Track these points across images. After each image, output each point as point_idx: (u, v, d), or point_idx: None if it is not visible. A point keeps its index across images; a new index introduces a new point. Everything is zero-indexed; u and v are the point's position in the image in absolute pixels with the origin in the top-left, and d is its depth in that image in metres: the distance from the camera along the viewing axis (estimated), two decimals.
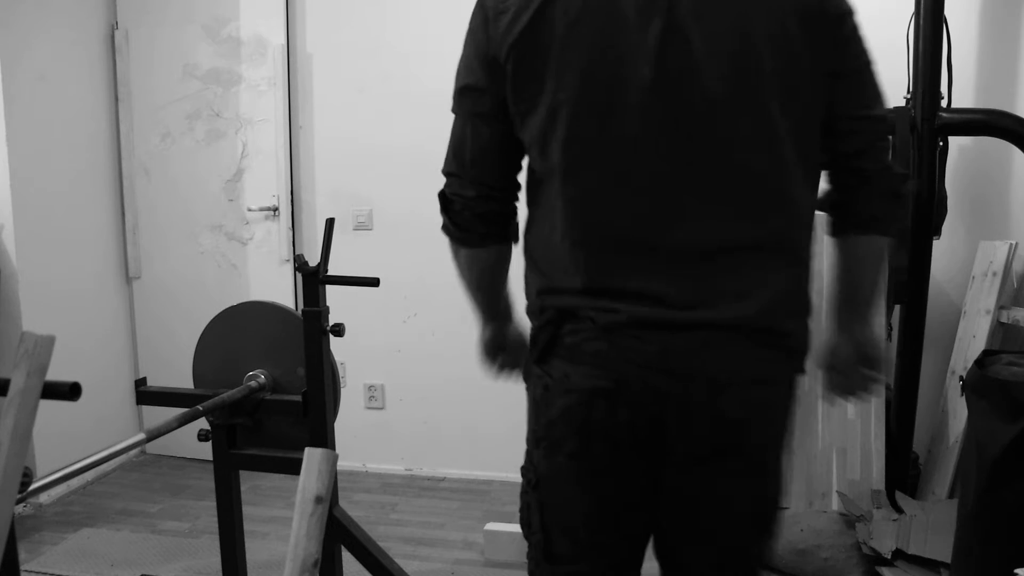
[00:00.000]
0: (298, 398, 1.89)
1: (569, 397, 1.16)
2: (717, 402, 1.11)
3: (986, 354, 1.91)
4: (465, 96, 1.23)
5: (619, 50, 1.08)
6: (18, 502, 1.13)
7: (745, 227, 1.11)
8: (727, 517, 1.20)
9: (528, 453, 1.30)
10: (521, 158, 1.23)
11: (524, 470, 1.32)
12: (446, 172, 1.28)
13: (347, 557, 2.00)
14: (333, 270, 1.92)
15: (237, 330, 1.98)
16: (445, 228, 1.33)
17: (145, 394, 1.94)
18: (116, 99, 3.33)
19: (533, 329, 1.25)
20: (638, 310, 1.10)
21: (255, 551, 2.48)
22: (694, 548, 1.24)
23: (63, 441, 2.82)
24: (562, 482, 1.23)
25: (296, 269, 1.93)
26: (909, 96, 2.31)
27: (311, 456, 1.24)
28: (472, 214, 1.26)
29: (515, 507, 2.88)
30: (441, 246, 3.71)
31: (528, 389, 1.28)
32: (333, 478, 1.25)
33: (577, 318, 1.15)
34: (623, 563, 1.27)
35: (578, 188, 1.14)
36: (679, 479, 1.18)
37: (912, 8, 2.28)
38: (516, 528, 2.58)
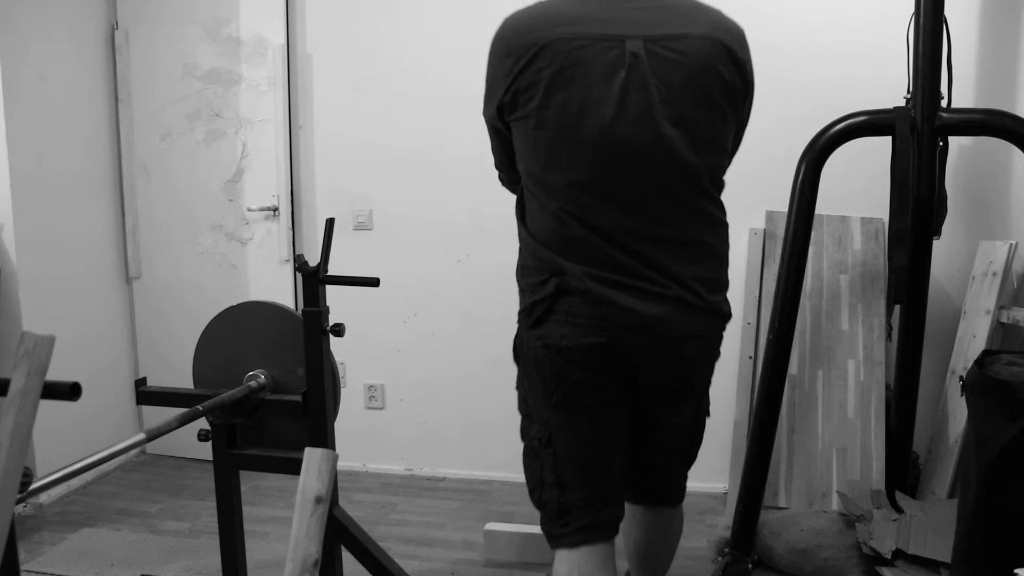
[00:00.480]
0: (298, 398, 1.89)
1: (571, 353, 1.49)
2: (680, 349, 1.53)
3: (986, 354, 1.91)
4: (487, 122, 1.63)
5: (589, 94, 1.45)
6: (18, 502, 1.13)
7: (673, 228, 1.49)
8: (680, 429, 1.69)
9: (533, 419, 1.62)
10: None
11: (532, 434, 1.62)
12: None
13: (347, 557, 2.00)
14: (333, 270, 1.92)
15: (237, 330, 1.98)
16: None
17: (145, 394, 1.94)
18: (116, 99, 3.34)
19: (528, 304, 1.57)
20: (617, 278, 1.46)
21: (255, 551, 2.48)
22: (658, 455, 1.70)
23: (63, 441, 2.82)
24: (575, 424, 1.55)
25: (296, 269, 1.93)
26: (909, 96, 2.30)
27: (311, 456, 1.24)
28: (510, 187, 1.74)
29: (515, 507, 2.89)
30: (441, 246, 3.73)
31: (523, 358, 1.62)
32: (333, 478, 1.25)
33: (571, 292, 1.48)
34: (617, 488, 1.62)
35: (554, 197, 1.50)
36: (651, 405, 1.61)
37: (912, 8, 2.28)
38: (516, 528, 2.59)
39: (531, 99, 1.47)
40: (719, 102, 1.50)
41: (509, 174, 1.69)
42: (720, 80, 1.49)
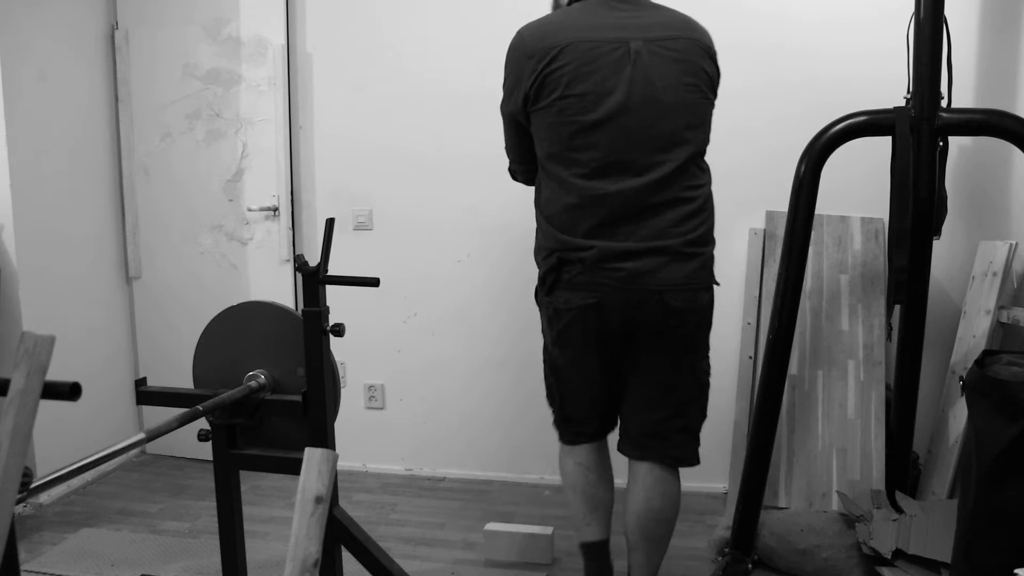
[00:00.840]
0: (298, 398, 1.89)
1: (572, 312, 1.91)
2: (664, 298, 1.85)
3: (986, 354, 1.90)
4: (508, 116, 1.98)
5: (602, 86, 1.82)
6: (18, 502, 1.13)
7: (665, 194, 1.84)
8: (664, 378, 1.96)
9: (548, 352, 2.06)
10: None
11: (545, 363, 2.10)
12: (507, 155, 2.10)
13: (347, 557, 2.00)
14: (333, 270, 1.92)
15: (237, 330, 1.98)
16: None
17: (145, 394, 1.94)
18: (116, 99, 3.34)
19: (542, 273, 1.97)
20: (612, 245, 1.83)
21: (255, 551, 2.48)
22: (647, 405, 1.98)
23: (63, 441, 2.82)
24: (572, 365, 2.00)
25: (296, 269, 1.93)
26: (909, 96, 2.30)
27: (311, 456, 1.24)
28: (522, 177, 2.12)
29: (515, 507, 2.97)
30: (441, 246, 3.74)
31: (541, 311, 2.02)
32: (333, 478, 1.25)
33: (571, 263, 1.87)
34: (606, 414, 2.08)
35: (574, 172, 1.86)
36: (641, 356, 1.94)
37: (912, 8, 2.28)
38: (516, 528, 2.59)
39: (554, 91, 1.83)
40: (703, 89, 1.90)
41: (525, 164, 2.04)
42: (703, 72, 1.89)
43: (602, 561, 2.09)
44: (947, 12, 2.25)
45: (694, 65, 1.87)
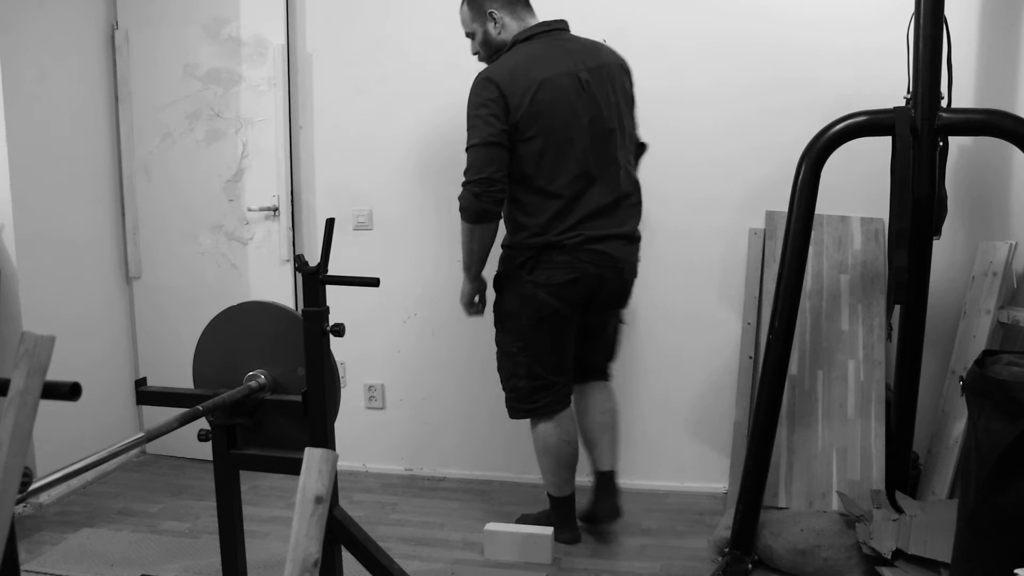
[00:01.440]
0: (298, 398, 1.88)
1: (552, 287, 2.37)
2: (622, 274, 2.47)
3: (986, 354, 1.90)
4: (495, 143, 2.31)
5: (572, 111, 2.32)
6: (18, 502, 1.13)
7: (619, 191, 2.40)
8: (610, 330, 2.65)
9: (512, 335, 2.47)
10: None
11: (509, 343, 2.49)
12: (478, 179, 2.35)
13: (347, 557, 2.00)
14: (333, 270, 1.91)
15: (237, 330, 1.98)
16: (471, 214, 2.39)
17: (145, 394, 1.94)
18: (116, 99, 3.34)
19: (521, 258, 2.39)
20: (588, 232, 2.35)
21: (255, 551, 2.48)
22: (595, 350, 2.62)
23: (63, 441, 2.82)
24: (549, 336, 2.44)
25: (296, 269, 1.93)
26: (909, 96, 2.30)
27: (311, 456, 1.24)
28: (493, 199, 2.34)
29: (515, 507, 2.95)
30: (441, 246, 3.73)
31: (514, 290, 2.43)
32: (333, 478, 1.25)
33: (553, 247, 2.34)
34: (569, 375, 2.54)
35: (557, 184, 2.34)
36: (597, 316, 2.53)
37: (912, 8, 2.28)
38: (516, 528, 2.59)
39: (537, 121, 2.28)
40: (628, 104, 2.46)
41: (504, 183, 2.34)
42: (629, 92, 2.47)
43: (572, 508, 2.64)
44: (947, 12, 2.25)
45: (623, 86, 2.43)
